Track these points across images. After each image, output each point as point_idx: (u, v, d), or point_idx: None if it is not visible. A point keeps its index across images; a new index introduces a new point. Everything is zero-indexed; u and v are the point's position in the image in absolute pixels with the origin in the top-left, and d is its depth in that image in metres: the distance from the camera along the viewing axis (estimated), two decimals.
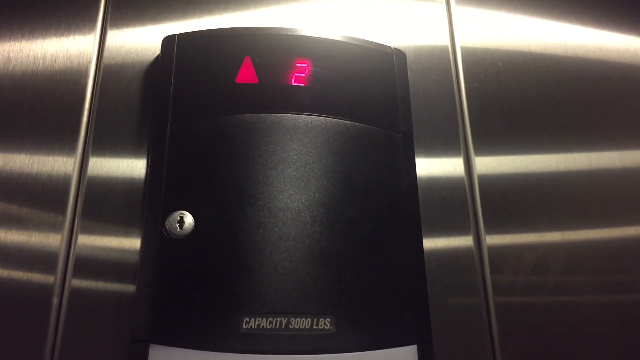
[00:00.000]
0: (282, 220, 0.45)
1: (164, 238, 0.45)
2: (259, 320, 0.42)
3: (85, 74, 0.53)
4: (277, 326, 0.42)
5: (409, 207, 0.49)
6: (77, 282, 0.46)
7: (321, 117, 0.49)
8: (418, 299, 0.46)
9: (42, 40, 0.54)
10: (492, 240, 0.52)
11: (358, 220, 0.47)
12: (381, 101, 0.52)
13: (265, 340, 0.42)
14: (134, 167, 0.50)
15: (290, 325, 0.42)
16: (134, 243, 0.48)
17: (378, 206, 0.48)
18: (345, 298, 0.44)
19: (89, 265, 0.47)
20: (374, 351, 0.43)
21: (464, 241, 0.52)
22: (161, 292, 0.43)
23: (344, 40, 0.53)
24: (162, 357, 0.41)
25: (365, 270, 0.45)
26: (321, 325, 0.43)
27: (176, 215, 0.45)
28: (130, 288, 0.46)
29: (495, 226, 0.52)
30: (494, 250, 0.51)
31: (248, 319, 0.42)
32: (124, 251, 0.47)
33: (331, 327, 0.43)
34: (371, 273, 0.45)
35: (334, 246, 0.45)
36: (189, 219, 0.45)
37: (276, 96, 0.50)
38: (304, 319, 0.43)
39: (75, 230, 0.48)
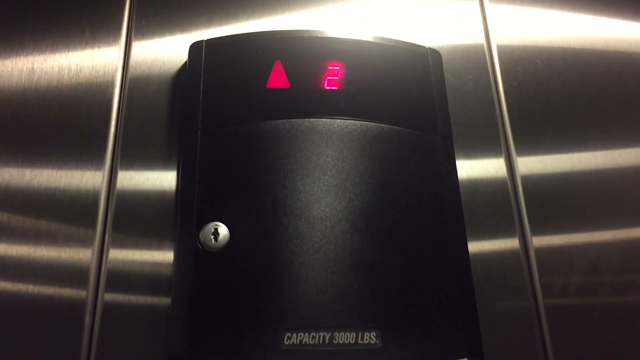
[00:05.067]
0: (321, 229, 0.43)
1: (198, 251, 0.43)
2: (301, 336, 0.40)
3: (111, 84, 0.52)
4: (320, 341, 0.40)
5: (452, 212, 0.47)
6: (109, 297, 0.45)
7: (356, 121, 0.47)
8: (466, 309, 0.44)
9: (67, 50, 0.53)
10: (539, 242, 0.49)
11: (400, 228, 0.45)
12: (418, 103, 0.50)
13: (308, 357, 0.40)
14: (164, 178, 0.49)
15: (334, 340, 0.40)
16: (166, 256, 0.46)
17: (420, 212, 0.46)
18: (391, 310, 0.42)
19: (122, 279, 0.45)
20: None
21: (510, 244, 0.49)
22: (198, 307, 0.41)
23: (376, 41, 0.52)
24: None
25: (409, 280, 0.43)
26: (366, 340, 0.41)
27: (210, 227, 0.43)
28: (165, 301, 0.44)
29: (541, 228, 0.50)
30: (542, 253, 0.49)
31: (290, 334, 0.40)
32: (157, 264, 0.46)
33: (377, 342, 0.41)
34: (416, 283, 0.43)
35: (376, 256, 0.43)
36: (223, 230, 0.43)
37: (309, 101, 0.48)
38: (348, 333, 0.41)
39: (106, 244, 0.46)
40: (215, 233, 0.43)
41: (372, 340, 0.41)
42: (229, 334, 0.40)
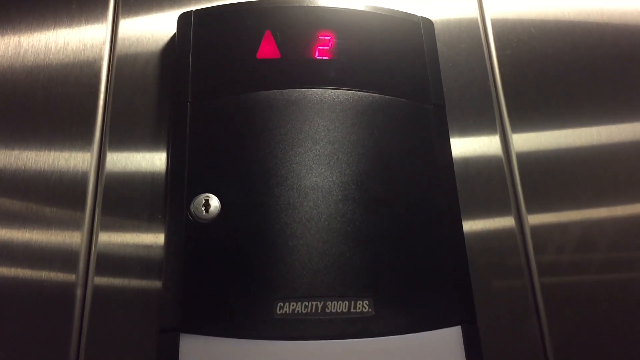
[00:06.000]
0: (313, 199, 0.43)
1: (189, 223, 0.43)
2: (293, 305, 0.40)
3: (99, 56, 0.51)
4: (313, 310, 0.40)
5: (445, 181, 0.46)
6: (99, 280, 0.44)
7: (348, 91, 0.47)
8: (460, 277, 0.43)
9: (54, 23, 0.52)
10: (535, 219, 0.49)
11: (393, 197, 0.44)
12: (410, 72, 0.49)
13: (300, 326, 0.40)
14: (155, 158, 0.48)
15: (326, 309, 0.40)
16: (157, 238, 0.45)
17: (413, 182, 0.45)
18: (384, 279, 0.42)
19: (112, 262, 0.44)
20: (416, 334, 0.40)
21: (505, 222, 0.48)
22: (190, 279, 0.41)
23: (368, 10, 0.51)
24: (194, 347, 0.39)
25: (402, 250, 0.43)
26: (359, 308, 0.40)
27: (201, 198, 0.43)
28: (156, 284, 0.44)
29: (536, 205, 0.49)
30: (537, 230, 0.48)
31: (282, 304, 0.40)
32: (147, 247, 0.45)
33: (370, 310, 0.40)
34: (409, 252, 0.43)
35: (369, 225, 0.43)
36: (214, 202, 0.43)
37: (300, 71, 0.47)
38: (340, 302, 0.40)
39: (95, 226, 0.45)
40: (206, 204, 0.43)
41: (365, 308, 0.40)
42: (221, 304, 0.40)
